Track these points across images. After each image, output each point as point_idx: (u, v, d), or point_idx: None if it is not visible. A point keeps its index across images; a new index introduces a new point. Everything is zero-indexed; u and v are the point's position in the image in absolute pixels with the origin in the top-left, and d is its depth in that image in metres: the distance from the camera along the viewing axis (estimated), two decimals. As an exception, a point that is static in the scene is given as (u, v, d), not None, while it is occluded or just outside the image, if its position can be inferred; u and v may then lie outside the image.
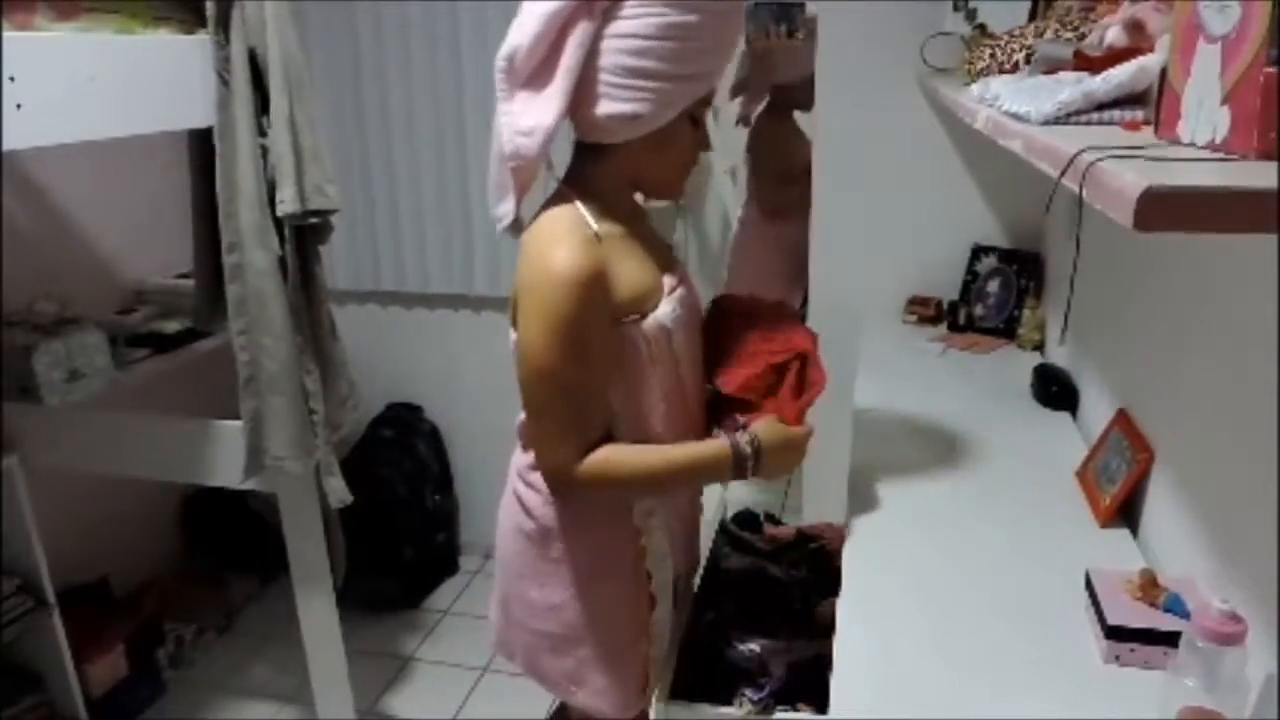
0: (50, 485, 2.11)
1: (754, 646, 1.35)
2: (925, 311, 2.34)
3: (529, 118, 1.12)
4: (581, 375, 1.14)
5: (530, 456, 1.27)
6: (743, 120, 3.41)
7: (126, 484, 2.37)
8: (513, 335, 1.23)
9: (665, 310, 1.21)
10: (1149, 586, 1.11)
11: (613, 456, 1.17)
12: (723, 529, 1.70)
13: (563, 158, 1.23)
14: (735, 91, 3.33)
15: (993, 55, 1.27)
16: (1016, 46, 1.21)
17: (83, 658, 2.18)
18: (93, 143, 1.53)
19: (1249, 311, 1.03)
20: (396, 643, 2.68)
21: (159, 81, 1.61)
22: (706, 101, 1.18)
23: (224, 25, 1.62)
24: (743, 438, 1.20)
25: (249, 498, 2.60)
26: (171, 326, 2.34)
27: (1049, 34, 1.12)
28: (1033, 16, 1.64)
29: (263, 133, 1.67)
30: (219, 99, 1.64)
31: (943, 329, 2.30)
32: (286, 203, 1.66)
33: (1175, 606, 1.08)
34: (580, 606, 1.30)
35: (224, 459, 1.90)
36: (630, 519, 1.29)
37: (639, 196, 1.30)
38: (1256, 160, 0.56)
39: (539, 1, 1.09)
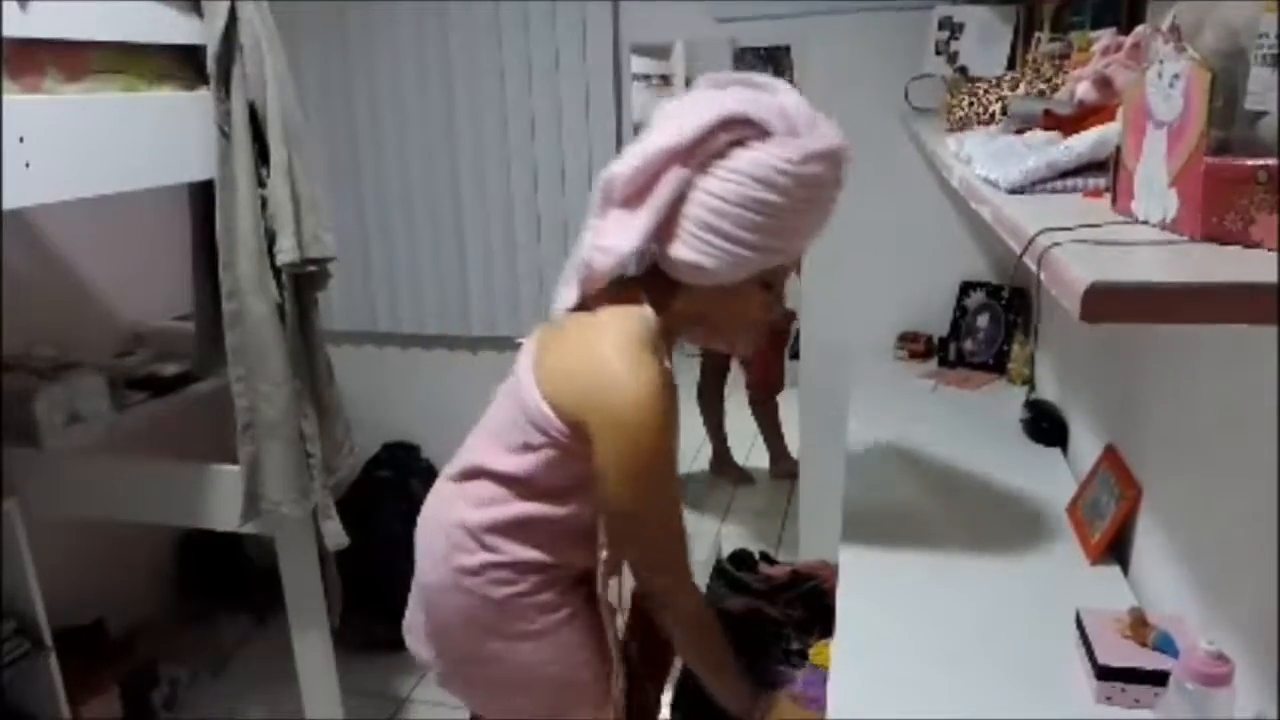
0: (46, 526, 2.11)
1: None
2: (916, 348, 2.37)
3: (610, 238, 1.18)
4: (675, 501, 1.22)
5: (493, 513, 1.26)
6: None
7: (122, 526, 2.37)
8: (543, 408, 1.19)
9: None
10: (1139, 625, 1.12)
11: (714, 623, 1.28)
12: (719, 570, 1.71)
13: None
14: None
15: (970, 105, 1.31)
16: (993, 98, 1.26)
17: (77, 700, 2.16)
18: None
19: (1234, 348, 1.05)
20: (391, 683, 2.66)
21: (162, 137, 1.65)
22: (784, 271, 1.23)
23: (224, 81, 1.66)
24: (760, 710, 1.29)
25: (243, 539, 2.60)
26: (169, 369, 2.35)
27: (1023, 86, 1.16)
28: (1011, 64, 1.69)
29: (261, 184, 1.71)
30: (220, 152, 1.68)
31: (934, 365, 2.32)
32: (285, 252, 1.70)
33: (1165, 645, 1.09)
34: (544, 689, 1.33)
35: (222, 503, 1.91)
36: (605, 595, 1.31)
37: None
38: (1202, 242, 0.59)
39: (651, 139, 1.15)
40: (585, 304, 1.24)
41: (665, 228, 1.16)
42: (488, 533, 1.27)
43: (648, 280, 1.24)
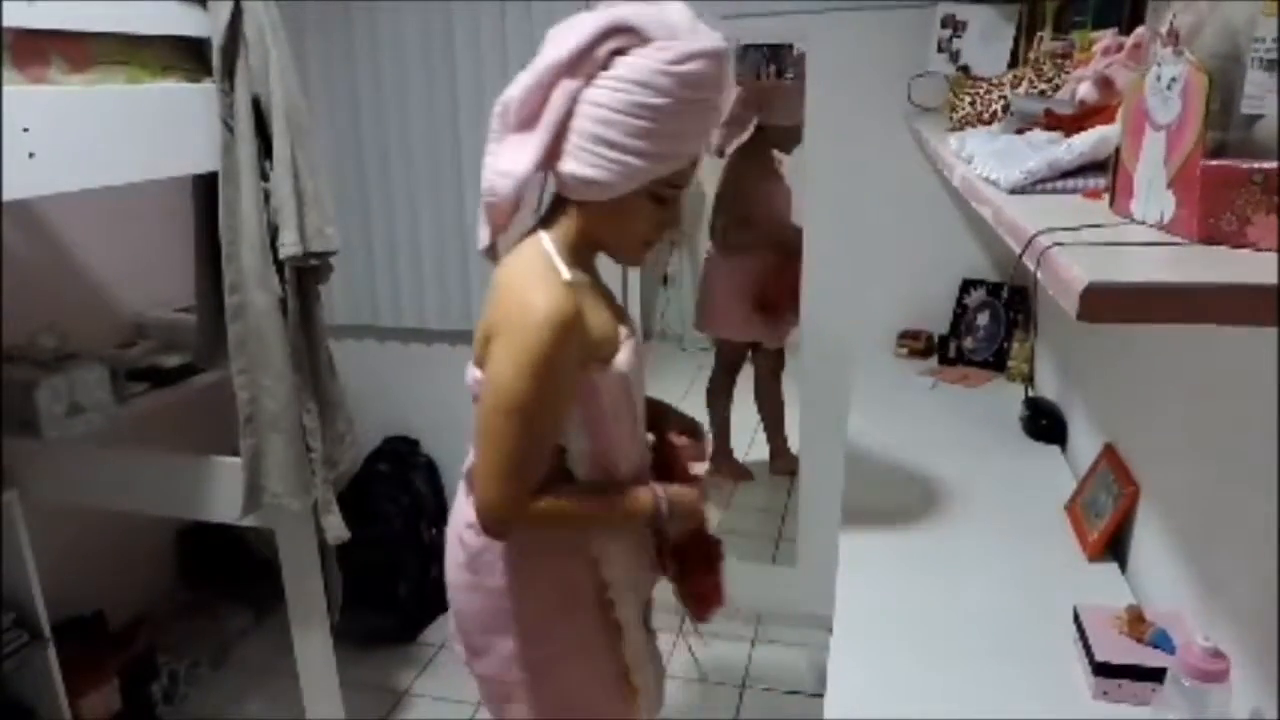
0: (46, 517, 2.11)
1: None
2: (916, 345, 2.38)
3: (507, 161, 1.20)
4: (546, 416, 1.19)
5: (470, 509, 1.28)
6: (718, 151, 3.47)
7: (122, 517, 2.37)
8: (474, 373, 1.27)
9: (623, 358, 1.25)
10: (1136, 622, 1.13)
11: (553, 508, 1.22)
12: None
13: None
14: None
15: (972, 103, 1.32)
16: (995, 96, 1.26)
17: (76, 692, 2.17)
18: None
19: (1233, 347, 1.06)
20: (392, 677, 2.67)
21: (166, 129, 1.65)
22: (674, 184, 1.22)
23: (229, 73, 1.66)
24: (664, 503, 1.29)
25: (243, 531, 2.61)
26: (171, 360, 2.36)
27: (1024, 86, 1.16)
28: (1013, 62, 1.69)
29: (265, 177, 1.71)
30: (223, 144, 1.68)
31: (934, 362, 2.33)
32: (288, 245, 1.70)
33: (1162, 642, 1.10)
34: (546, 649, 1.33)
35: (223, 495, 1.91)
36: (588, 550, 1.31)
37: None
38: (1198, 244, 0.60)
39: (539, 59, 1.16)
40: (493, 248, 1.28)
41: (557, 145, 1.17)
42: (469, 528, 1.31)
43: (553, 207, 1.27)
